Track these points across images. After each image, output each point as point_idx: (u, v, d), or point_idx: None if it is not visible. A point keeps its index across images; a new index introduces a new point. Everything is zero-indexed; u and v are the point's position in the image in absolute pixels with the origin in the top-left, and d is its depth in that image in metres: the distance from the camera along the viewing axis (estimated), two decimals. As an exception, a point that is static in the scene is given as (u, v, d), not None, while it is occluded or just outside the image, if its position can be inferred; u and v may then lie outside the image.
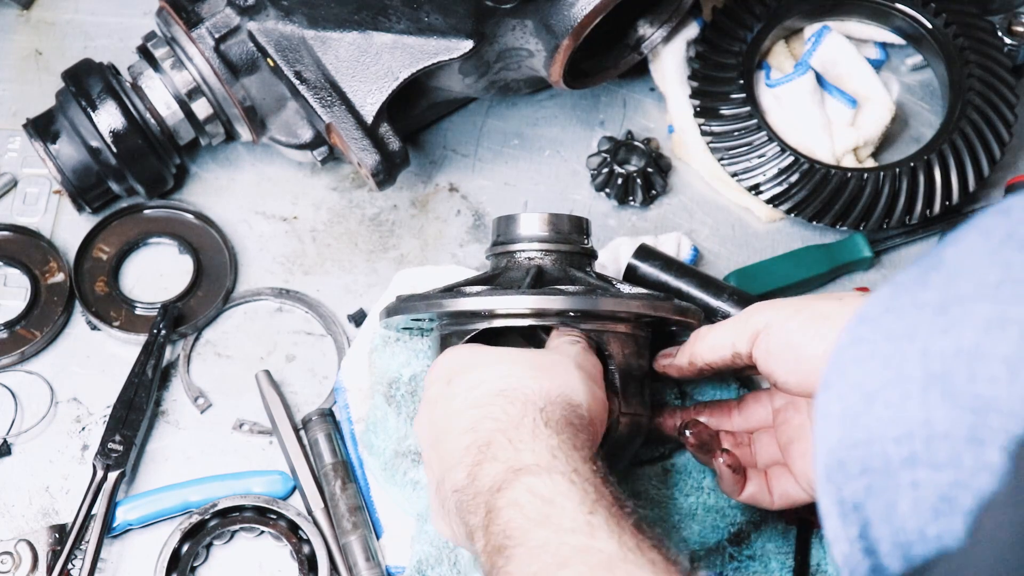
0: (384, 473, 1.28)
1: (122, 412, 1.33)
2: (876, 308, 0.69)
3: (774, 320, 1.09)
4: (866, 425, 0.66)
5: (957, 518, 0.62)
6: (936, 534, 0.63)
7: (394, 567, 1.28)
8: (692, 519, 1.25)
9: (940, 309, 0.65)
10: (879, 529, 0.66)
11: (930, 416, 0.63)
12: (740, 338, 1.11)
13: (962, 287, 0.65)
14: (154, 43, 1.40)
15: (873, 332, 0.68)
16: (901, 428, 0.65)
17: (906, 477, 0.64)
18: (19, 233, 1.45)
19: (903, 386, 0.65)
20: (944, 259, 0.67)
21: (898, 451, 0.64)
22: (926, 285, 0.67)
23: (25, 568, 1.26)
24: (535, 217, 1.24)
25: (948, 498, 0.63)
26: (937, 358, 0.64)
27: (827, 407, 0.70)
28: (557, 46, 1.33)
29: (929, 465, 0.63)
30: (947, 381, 0.63)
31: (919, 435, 0.64)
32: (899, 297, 0.68)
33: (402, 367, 1.29)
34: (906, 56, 1.55)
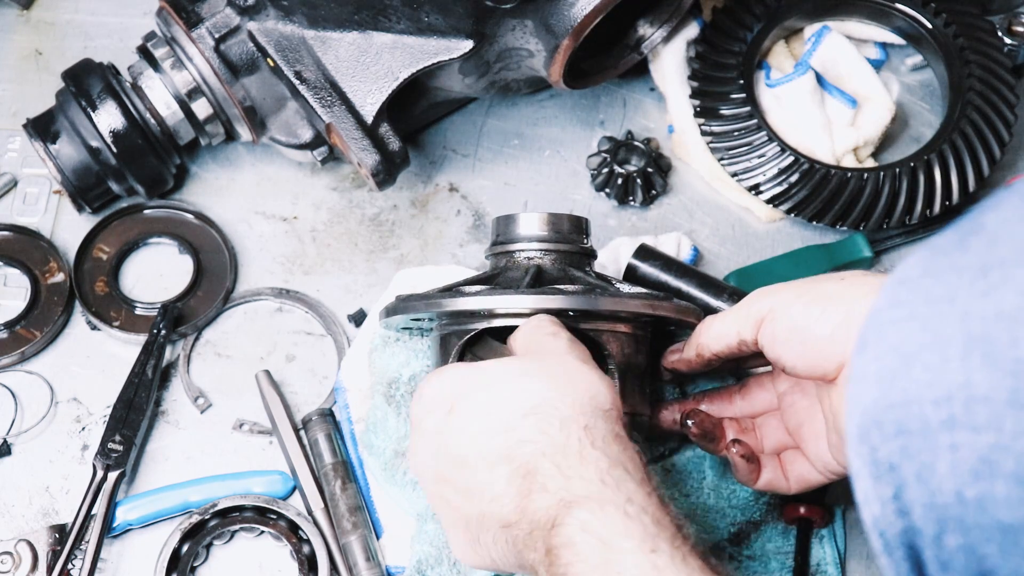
0: (384, 473, 1.28)
1: (122, 412, 1.33)
2: (914, 271, 0.69)
3: (777, 305, 1.08)
4: (904, 387, 0.67)
5: (998, 481, 0.63)
6: (975, 496, 0.64)
7: (394, 567, 1.28)
8: (692, 519, 1.24)
9: (980, 272, 0.65)
10: (914, 491, 0.67)
11: (970, 379, 0.64)
12: (745, 325, 1.10)
13: (1003, 251, 0.65)
14: (154, 43, 1.40)
15: (912, 295, 0.68)
16: (940, 390, 0.65)
17: (944, 439, 0.65)
18: (19, 233, 1.45)
19: (942, 349, 0.65)
20: (983, 224, 0.67)
21: (936, 413, 0.65)
22: (966, 249, 0.67)
23: (25, 568, 1.26)
24: (535, 217, 1.24)
25: (988, 461, 0.63)
26: (977, 321, 0.64)
27: (863, 368, 0.70)
28: (557, 46, 1.33)
29: (968, 428, 0.64)
30: (988, 344, 0.63)
31: (958, 397, 0.64)
32: (938, 260, 0.68)
33: (402, 367, 1.29)
34: (906, 56, 1.55)
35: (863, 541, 1.31)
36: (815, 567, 1.28)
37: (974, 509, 0.64)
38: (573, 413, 0.97)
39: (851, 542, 1.31)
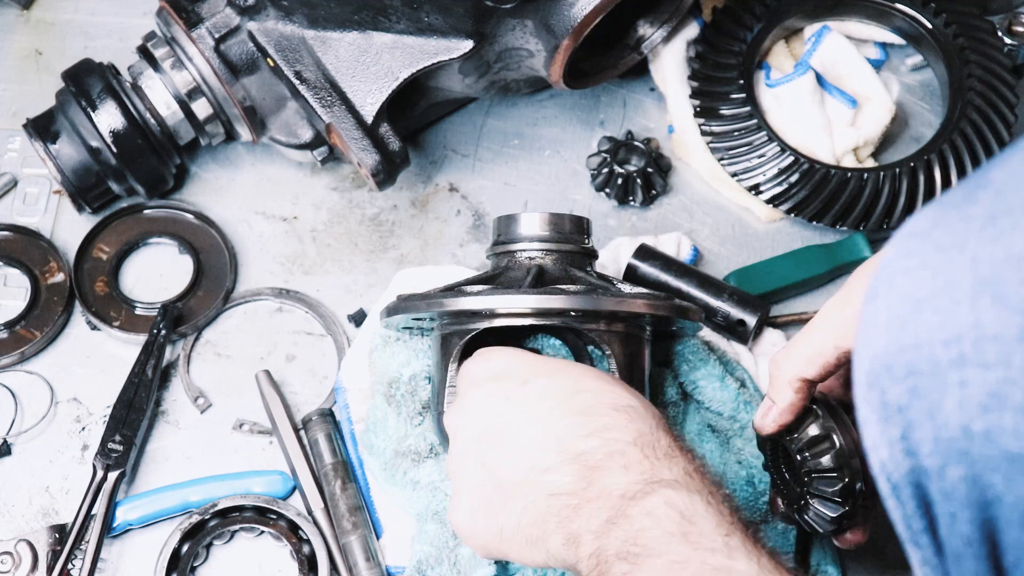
0: (384, 473, 1.28)
1: (122, 412, 1.33)
2: (924, 224, 0.71)
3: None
4: (914, 330, 0.69)
5: (1007, 413, 0.65)
6: (982, 429, 0.66)
7: (394, 567, 1.28)
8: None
9: (989, 220, 0.68)
10: (921, 430, 0.69)
11: (979, 319, 0.66)
12: (845, 334, 1.01)
13: (1010, 200, 0.68)
14: (154, 43, 1.40)
15: (922, 244, 0.71)
16: (950, 331, 0.67)
17: (954, 377, 0.67)
18: (19, 233, 1.45)
19: (952, 292, 0.68)
20: (990, 178, 0.70)
21: (946, 353, 0.67)
22: (974, 201, 0.70)
23: (25, 568, 1.26)
24: (535, 217, 1.24)
25: (997, 395, 0.66)
26: (987, 264, 0.67)
27: (873, 316, 0.72)
28: (557, 46, 1.33)
29: (978, 365, 0.66)
30: (997, 285, 0.66)
31: (968, 337, 0.67)
32: (947, 213, 0.71)
33: (402, 367, 1.29)
34: (906, 56, 1.55)
35: (863, 541, 1.31)
36: (815, 567, 1.28)
37: (980, 441, 0.67)
38: (662, 423, 1.01)
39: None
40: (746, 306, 1.35)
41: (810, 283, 1.42)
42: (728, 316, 1.34)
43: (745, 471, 1.26)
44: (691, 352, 1.28)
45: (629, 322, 1.18)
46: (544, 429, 1.01)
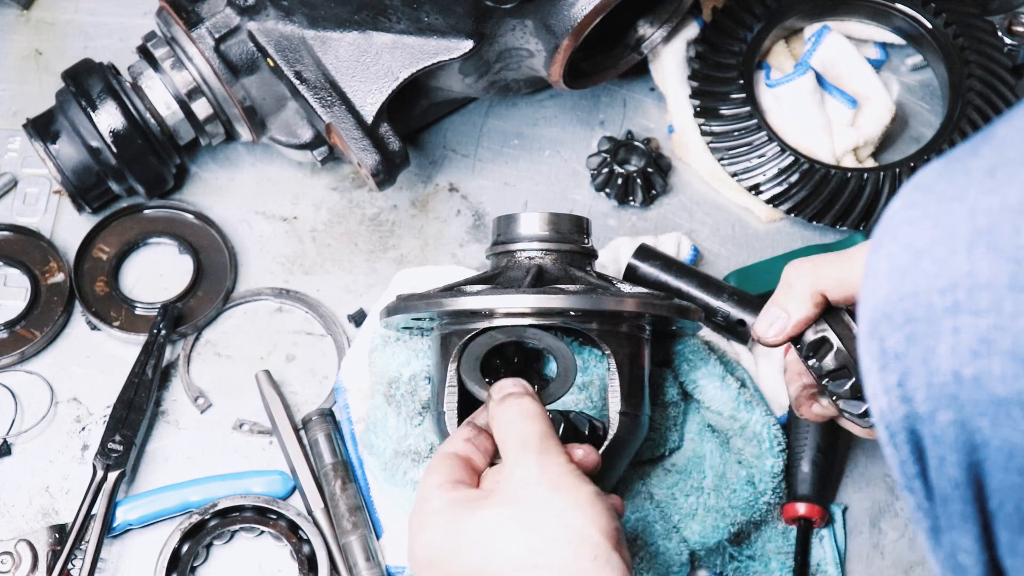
0: (384, 473, 1.28)
1: (122, 412, 1.33)
2: (929, 176, 0.73)
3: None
4: (914, 279, 0.70)
5: (995, 358, 0.67)
6: (972, 374, 0.68)
7: (394, 567, 1.28)
8: (692, 519, 1.25)
9: (988, 172, 0.69)
10: (916, 376, 0.70)
11: (974, 267, 0.68)
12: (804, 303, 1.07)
13: (1010, 153, 0.69)
14: (154, 43, 1.40)
15: (925, 196, 0.72)
16: (946, 280, 0.69)
17: (948, 324, 0.68)
18: (19, 233, 1.45)
19: (950, 242, 0.69)
20: (995, 133, 0.72)
21: (942, 300, 0.69)
22: (976, 154, 0.71)
23: (25, 568, 1.26)
24: (535, 216, 1.24)
25: (987, 340, 0.67)
26: (983, 215, 0.68)
27: (876, 266, 0.73)
28: (557, 46, 1.33)
29: (970, 312, 0.68)
30: (992, 235, 0.67)
31: (963, 285, 0.68)
32: (950, 165, 0.72)
33: (402, 367, 1.28)
34: (906, 56, 1.55)
35: (863, 541, 1.31)
36: (815, 567, 1.29)
37: (970, 386, 0.68)
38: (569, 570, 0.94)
39: (851, 542, 1.31)
40: (746, 306, 1.34)
41: (810, 283, 1.42)
42: (728, 316, 1.34)
43: (745, 471, 1.26)
44: (691, 352, 1.28)
45: (629, 322, 1.18)
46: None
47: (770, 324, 1.10)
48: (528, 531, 0.95)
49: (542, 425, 1.02)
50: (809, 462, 1.28)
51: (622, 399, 1.16)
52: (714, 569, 1.28)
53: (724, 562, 1.28)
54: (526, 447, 1.00)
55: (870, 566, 1.30)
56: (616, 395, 1.16)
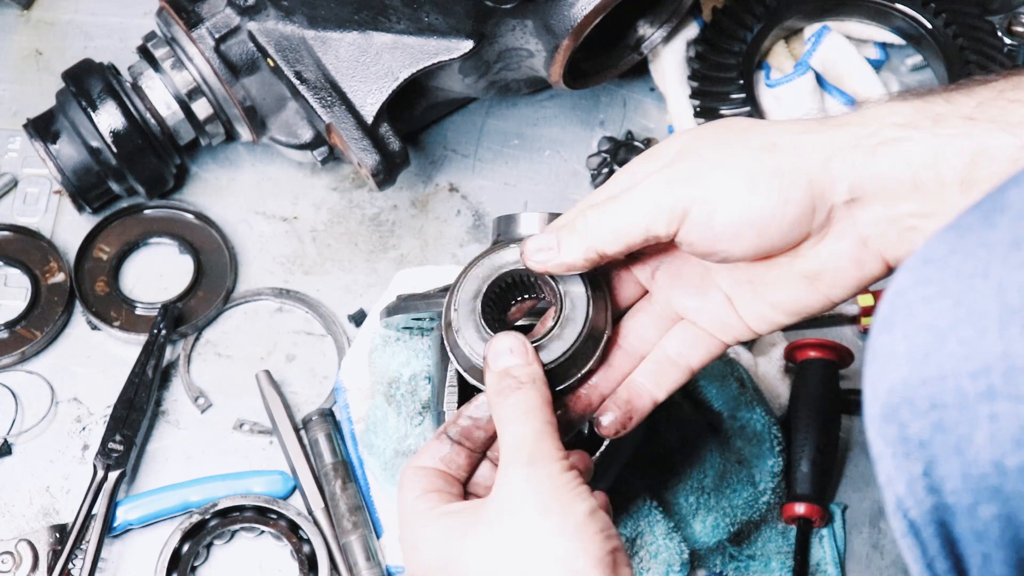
0: (384, 473, 1.28)
1: (122, 412, 1.33)
2: (940, 250, 0.69)
3: (710, 195, 0.88)
4: (938, 362, 0.66)
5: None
6: (1017, 464, 0.64)
7: (394, 567, 1.28)
8: (693, 518, 1.25)
9: (1013, 246, 0.65)
10: (947, 465, 0.66)
11: (1009, 349, 0.64)
12: (658, 221, 0.89)
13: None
14: (154, 43, 1.40)
15: (941, 272, 0.68)
16: (977, 363, 0.65)
17: (984, 410, 0.64)
18: (19, 233, 1.45)
19: (978, 322, 0.65)
20: (1008, 201, 0.67)
21: (974, 386, 0.65)
22: (993, 226, 0.67)
23: (25, 568, 1.26)
24: (535, 216, 1.24)
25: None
26: (1015, 292, 0.64)
27: (890, 347, 0.69)
28: (557, 46, 1.33)
29: (1009, 397, 0.64)
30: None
31: (997, 368, 0.64)
32: (965, 238, 0.68)
33: (402, 367, 1.29)
34: (906, 56, 1.55)
35: (863, 541, 1.31)
36: (815, 567, 1.29)
37: (1015, 477, 0.64)
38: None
39: (851, 542, 1.31)
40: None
41: (810, 283, 1.42)
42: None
43: (745, 471, 1.26)
44: (691, 352, 1.28)
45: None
46: None
47: (539, 251, 0.94)
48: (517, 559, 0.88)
49: (538, 423, 0.91)
50: (809, 461, 1.28)
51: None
52: (714, 569, 1.28)
53: (724, 561, 1.28)
54: (517, 455, 0.90)
55: (869, 566, 1.30)
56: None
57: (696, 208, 0.88)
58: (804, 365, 1.33)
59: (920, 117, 0.85)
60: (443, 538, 0.90)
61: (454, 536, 0.90)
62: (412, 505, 0.92)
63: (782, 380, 1.36)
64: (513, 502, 0.89)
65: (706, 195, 0.88)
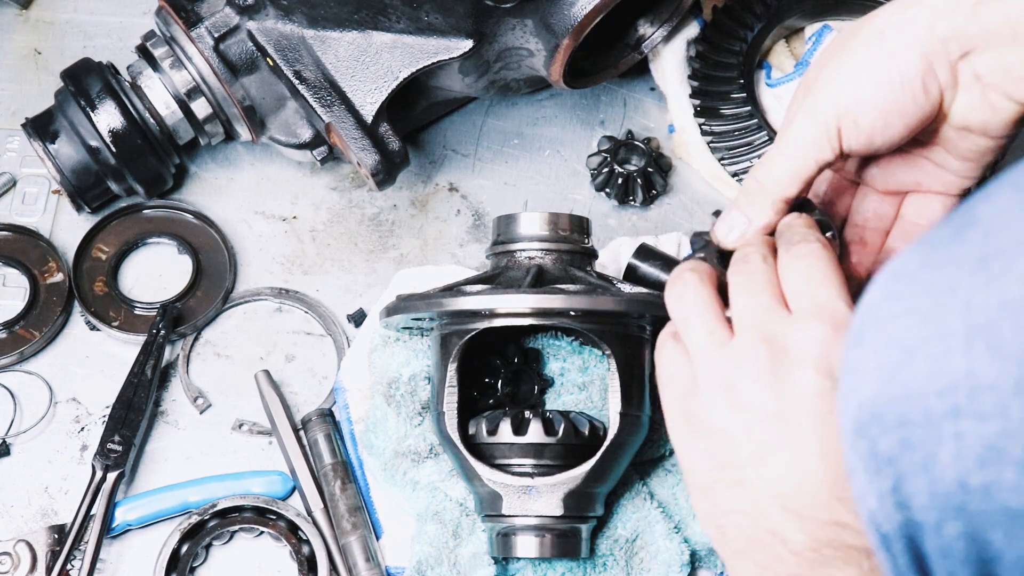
0: (384, 473, 1.28)
1: (121, 412, 1.32)
2: (910, 265, 0.69)
3: (847, 104, 0.96)
4: (905, 380, 0.66)
5: (1007, 467, 0.63)
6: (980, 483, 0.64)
7: (394, 567, 1.28)
8: (693, 519, 1.25)
9: (980, 263, 0.65)
10: (914, 482, 0.66)
11: (974, 368, 0.64)
12: (819, 151, 0.98)
13: (1001, 242, 0.65)
14: (153, 43, 1.40)
15: (910, 288, 0.68)
16: (943, 381, 0.65)
17: (949, 428, 0.64)
18: (18, 233, 1.45)
19: (945, 340, 0.65)
20: (977, 216, 0.67)
21: (940, 404, 0.65)
22: (962, 241, 0.67)
23: (24, 568, 1.26)
24: (535, 216, 1.24)
25: (996, 448, 0.63)
26: (980, 311, 0.64)
27: (861, 363, 0.69)
28: (557, 46, 1.33)
29: (973, 416, 0.63)
30: (992, 333, 0.63)
31: (963, 387, 0.64)
32: (934, 254, 0.68)
33: (402, 367, 1.28)
34: (906, 56, 1.55)
35: (864, 541, 1.31)
36: (816, 567, 1.28)
37: (979, 496, 0.64)
38: None
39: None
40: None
41: (811, 283, 1.42)
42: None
43: (745, 471, 1.26)
44: (691, 352, 1.28)
45: (629, 322, 1.18)
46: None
47: (731, 229, 1.02)
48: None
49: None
50: (810, 462, 1.28)
51: (622, 399, 1.16)
52: (715, 569, 1.28)
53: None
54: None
55: (871, 566, 1.30)
56: (616, 395, 1.16)
57: (842, 122, 0.97)
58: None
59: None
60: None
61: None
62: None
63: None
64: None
65: (844, 106, 0.96)
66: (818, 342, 0.88)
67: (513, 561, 1.22)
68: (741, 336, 0.93)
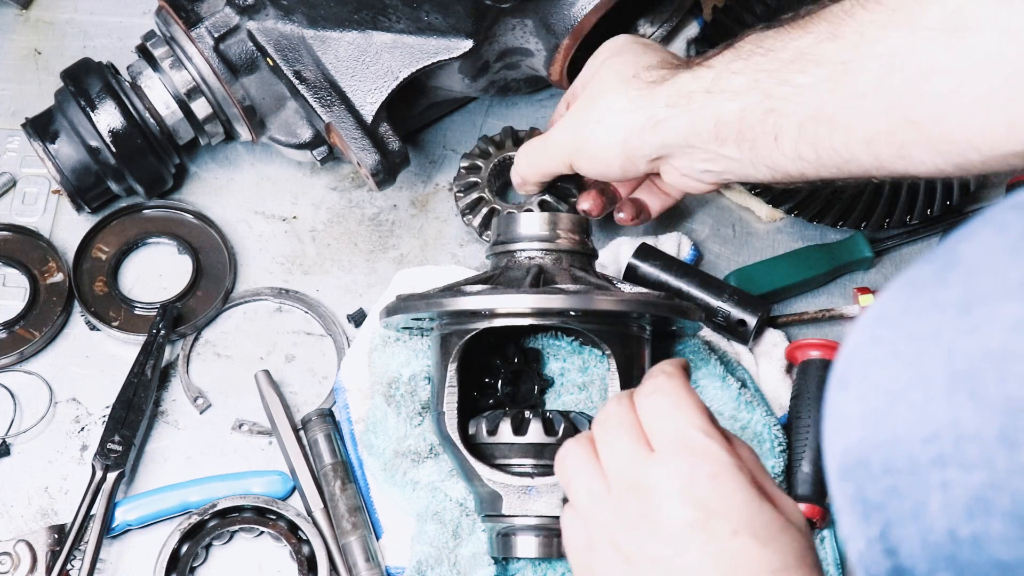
0: (384, 473, 1.28)
1: (121, 412, 1.32)
2: (893, 308, 0.68)
3: (588, 148, 1.21)
4: (890, 426, 0.66)
5: (994, 519, 0.62)
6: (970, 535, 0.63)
7: (394, 567, 1.28)
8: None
9: (963, 309, 0.64)
10: (903, 529, 0.66)
11: (957, 416, 0.63)
12: (562, 162, 1.24)
13: (984, 286, 0.64)
14: (153, 43, 1.40)
15: (893, 332, 0.67)
16: (927, 429, 0.64)
17: (935, 477, 0.64)
18: (18, 233, 1.45)
19: (927, 387, 0.64)
20: (960, 257, 0.67)
21: (925, 452, 0.64)
22: (945, 284, 0.66)
23: (24, 568, 1.26)
24: (536, 216, 1.24)
25: (982, 499, 0.62)
26: (963, 358, 0.63)
27: (845, 407, 0.69)
28: (557, 46, 1.33)
29: (959, 465, 0.63)
30: (974, 382, 0.63)
31: (947, 436, 0.63)
32: (917, 297, 0.67)
33: (402, 367, 1.28)
34: (906, 56, 1.55)
35: (864, 541, 1.31)
36: (816, 567, 1.28)
37: (969, 547, 0.63)
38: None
39: None
40: (747, 306, 1.34)
41: (810, 283, 1.42)
42: (728, 316, 1.34)
43: (745, 471, 1.25)
44: (691, 352, 1.28)
45: (629, 322, 1.18)
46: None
47: (516, 185, 1.34)
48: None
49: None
50: (810, 462, 1.28)
51: (622, 399, 1.16)
52: (714, 570, 1.27)
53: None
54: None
55: (871, 566, 1.30)
56: (616, 395, 1.16)
57: (574, 157, 1.22)
58: (805, 366, 1.32)
59: (679, 96, 1.12)
60: None
61: None
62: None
63: (783, 381, 1.36)
64: None
65: (577, 147, 1.21)
66: (677, 476, 0.89)
67: (513, 561, 1.22)
68: (612, 487, 0.94)
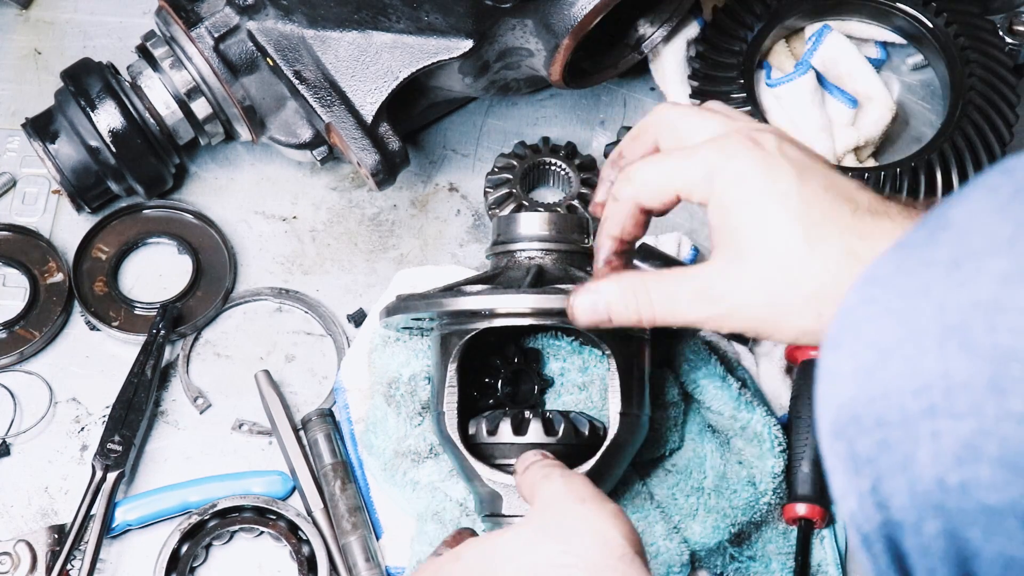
0: (384, 473, 1.28)
1: (121, 412, 1.32)
2: (885, 269, 0.70)
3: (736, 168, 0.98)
4: (882, 380, 0.67)
5: (983, 465, 0.63)
6: (958, 481, 0.64)
7: (394, 568, 1.28)
8: (693, 519, 1.25)
9: (953, 265, 0.66)
10: (893, 482, 0.67)
11: (948, 367, 0.64)
12: (692, 182, 1.00)
13: (974, 243, 0.66)
14: (153, 43, 1.40)
15: (885, 291, 0.69)
16: (919, 381, 0.65)
17: (925, 428, 0.65)
18: (18, 233, 1.45)
19: (919, 340, 0.66)
20: (951, 218, 0.68)
21: (916, 403, 0.65)
22: (936, 244, 0.68)
23: (24, 568, 1.26)
24: (536, 216, 1.24)
25: (972, 446, 0.63)
26: (954, 311, 0.65)
27: (837, 366, 0.70)
28: (557, 45, 1.33)
29: (949, 415, 0.64)
30: (965, 333, 0.64)
31: (938, 386, 0.64)
32: (908, 257, 0.69)
33: (402, 367, 1.28)
34: (907, 55, 1.55)
35: (864, 541, 1.31)
36: (816, 568, 1.28)
37: (957, 494, 0.64)
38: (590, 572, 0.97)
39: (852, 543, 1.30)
40: (746, 306, 1.34)
41: (811, 283, 1.41)
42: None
43: (746, 471, 1.26)
44: (692, 352, 1.28)
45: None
46: None
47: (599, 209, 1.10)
48: (558, 537, 0.98)
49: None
50: (810, 462, 1.28)
51: (622, 399, 1.16)
52: (715, 570, 1.27)
53: (725, 563, 1.27)
54: (551, 475, 1.05)
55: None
56: (616, 395, 1.16)
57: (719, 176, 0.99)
58: (805, 366, 1.32)
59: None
60: (484, 546, 1.03)
61: (494, 536, 1.03)
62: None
63: (783, 381, 1.36)
64: (553, 497, 1.03)
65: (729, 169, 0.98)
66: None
67: (513, 561, 1.22)
68: None
